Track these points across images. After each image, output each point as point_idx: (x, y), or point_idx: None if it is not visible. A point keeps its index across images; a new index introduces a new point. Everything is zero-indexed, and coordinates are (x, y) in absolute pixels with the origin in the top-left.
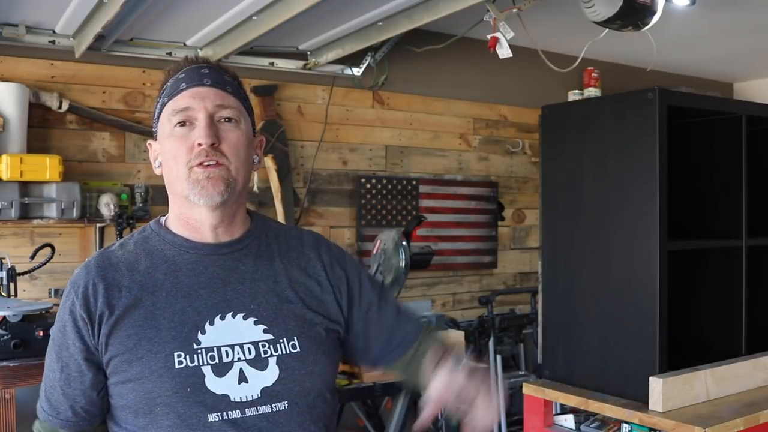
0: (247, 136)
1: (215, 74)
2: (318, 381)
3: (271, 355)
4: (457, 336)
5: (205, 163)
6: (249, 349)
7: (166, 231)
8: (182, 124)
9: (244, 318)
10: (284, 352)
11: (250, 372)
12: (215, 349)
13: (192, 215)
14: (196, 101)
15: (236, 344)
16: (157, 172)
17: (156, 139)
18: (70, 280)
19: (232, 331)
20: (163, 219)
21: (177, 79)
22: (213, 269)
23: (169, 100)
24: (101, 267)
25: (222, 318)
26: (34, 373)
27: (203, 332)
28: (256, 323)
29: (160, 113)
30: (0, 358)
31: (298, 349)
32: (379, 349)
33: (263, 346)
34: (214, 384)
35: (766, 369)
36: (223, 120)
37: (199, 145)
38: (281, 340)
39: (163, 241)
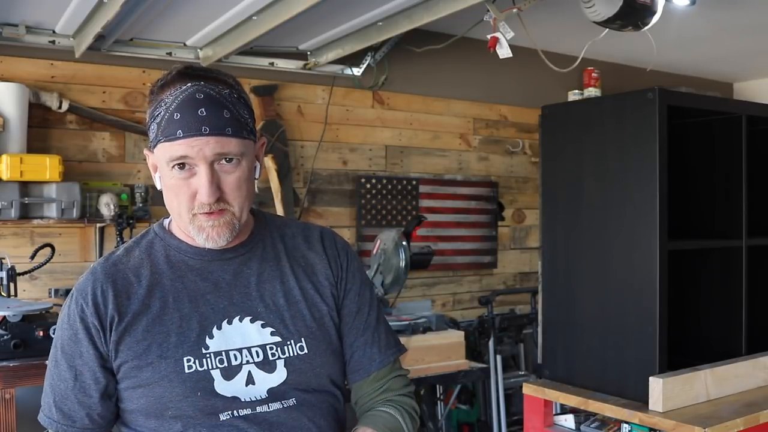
0: (250, 168)
1: (212, 115)
2: (325, 380)
3: (279, 358)
4: (457, 336)
5: (209, 211)
6: (257, 352)
7: (170, 236)
8: (182, 166)
9: (251, 321)
10: (292, 354)
11: (257, 374)
12: (223, 353)
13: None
14: (195, 150)
15: (244, 348)
16: (158, 187)
17: (152, 151)
18: (76, 287)
19: (240, 334)
20: (166, 222)
21: (172, 118)
22: (218, 274)
23: (164, 140)
24: (108, 273)
25: (229, 322)
26: (34, 373)
27: (211, 337)
28: (263, 326)
29: (155, 143)
30: (0, 358)
31: (306, 350)
32: (345, 361)
33: (271, 348)
34: (222, 387)
35: (766, 369)
36: (224, 161)
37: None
38: (289, 342)
39: (168, 246)
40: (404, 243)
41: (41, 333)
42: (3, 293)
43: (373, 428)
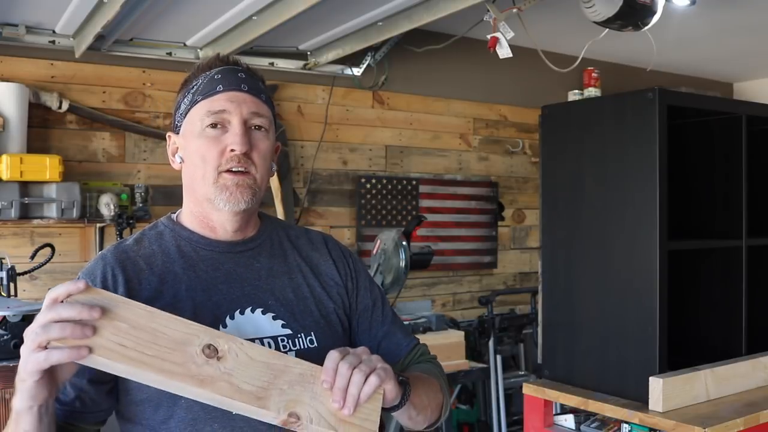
0: (272, 147)
1: (251, 80)
2: None
3: (290, 350)
4: (457, 336)
5: (234, 170)
6: (269, 343)
7: (180, 227)
8: (214, 126)
9: (263, 313)
10: (302, 347)
11: None
12: None
13: (211, 216)
14: (233, 105)
15: (256, 338)
16: (176, 167)
17: (177, 133)
18: (83, 271)
19: (252, 325)
20: (174, 215)
21: (212, 78)
22: (229, 265)
23: (203, 99)
24: (119, 259)
25: (241, 313)
26: None
27: (224, 326)
28: (274, 318)
29: (188, 109)
30: (0, 358)
31: (316, 344)
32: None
33: (282, 340)
34: None
35: (766, 369)
36: (255, 128)
37: (232, 150)
38: (299, 335)
39: (178, 236)
40: (404, 243)
41: None
42: (3, 293)
43: (420, 372)
